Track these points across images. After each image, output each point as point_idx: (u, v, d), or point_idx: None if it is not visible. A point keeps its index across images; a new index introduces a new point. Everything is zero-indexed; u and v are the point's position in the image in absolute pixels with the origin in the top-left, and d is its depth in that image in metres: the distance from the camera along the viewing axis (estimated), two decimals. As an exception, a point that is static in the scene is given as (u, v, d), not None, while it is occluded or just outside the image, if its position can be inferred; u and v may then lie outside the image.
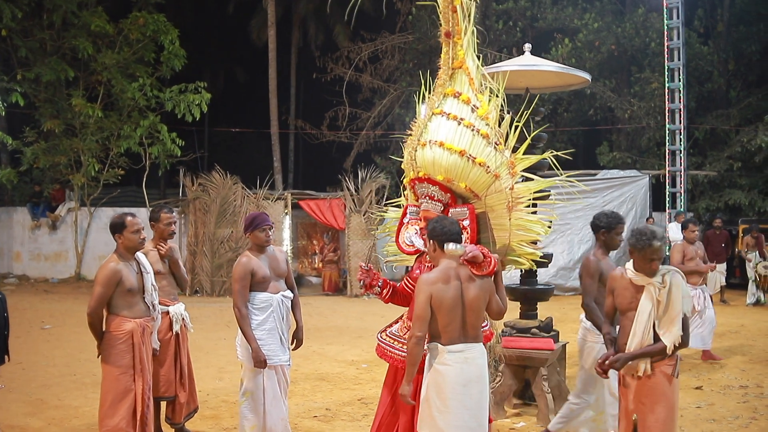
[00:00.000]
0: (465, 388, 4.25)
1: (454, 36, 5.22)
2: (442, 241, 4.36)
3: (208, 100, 18.24)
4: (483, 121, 5.05)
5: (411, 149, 5.23)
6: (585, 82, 7.69)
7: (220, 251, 17.44)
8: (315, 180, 25.68)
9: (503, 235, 5.06)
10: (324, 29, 28.70)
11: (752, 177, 19.21)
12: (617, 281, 4.57)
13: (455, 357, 4.26)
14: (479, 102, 5.12)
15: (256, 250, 5.62)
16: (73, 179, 18.36)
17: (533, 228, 5.08)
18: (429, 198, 5.11)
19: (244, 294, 5.46)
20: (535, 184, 5.19)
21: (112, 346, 5.13)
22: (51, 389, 8.09)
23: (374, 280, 5.12)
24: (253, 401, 5.53)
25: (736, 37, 21.56)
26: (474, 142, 4.99)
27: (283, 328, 5.63)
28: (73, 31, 18.23)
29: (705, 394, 7.88)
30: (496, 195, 5.03)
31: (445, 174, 5.01)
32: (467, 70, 5.20)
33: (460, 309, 4.28)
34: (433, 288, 4.25)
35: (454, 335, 4.29)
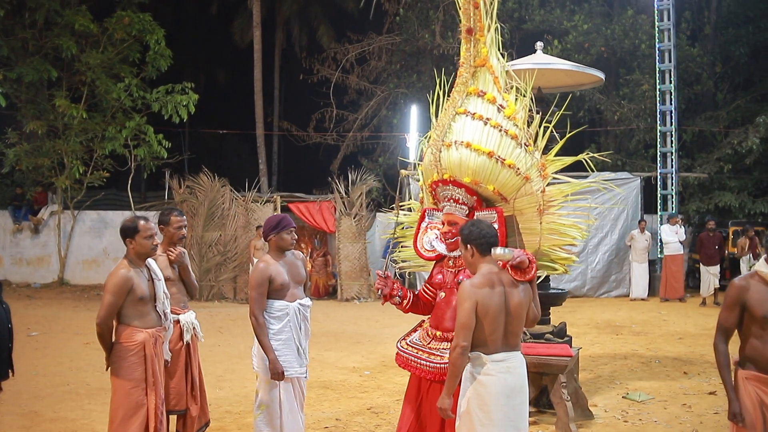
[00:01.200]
0: (508, 399, 4.06)
1: (476, 33, 5.00)
2: (481, 245, 4.16)
3: (195, 101, 17.90)
4: (511, 122, 4.85)
5: (435, 150, 4.98)
6: (598, 81, 7.55)
7: (208, 255, 17.12)
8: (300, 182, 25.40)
9: (533, 240, 4.86)
10: (308, 30, 28.44)
11: (742, 179, 19.23)
12: (750, 289, 4.09)
13: (498, 367, 4.07)
14: (505, 102, 4.92)
15: (276, 254, 5.37)
16: (57, 182, 17.94)
17: (568, 232, 4.89)
18: (453, 201, 4.91)
19: (261, 302, 5.22)
20: (568, 187, 4.99)
21: (122, 358, 4.84)
22: (44, 400, 7.78)
23: (393, 289, 4.91)
24: (268, 414, 5.29)
25: (723, 39, 21.61)
26: (502, 143, 4.79)
27: (300, 339, 5.38)
28: (56, 30, 17.83)
29: (721, 400, 7.73)
30: (527, 198, 4.85)
31: (472, 176, 4.81)
32: (491, 69, 5.00)
33: (504, 316, 4.08)
34: (479, 294, 4.03)
35: (497, 344, 4.09)
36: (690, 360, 9.93)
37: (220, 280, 17.02)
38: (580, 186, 5.09)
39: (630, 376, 9.03)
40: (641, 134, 20.25)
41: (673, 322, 13.45)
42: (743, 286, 4.08)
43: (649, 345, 11.14)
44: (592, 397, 7.84)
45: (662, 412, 7.31)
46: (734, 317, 4.15)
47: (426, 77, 21.88)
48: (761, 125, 17.74)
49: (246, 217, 17.33)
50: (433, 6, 21.59)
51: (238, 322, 13.66)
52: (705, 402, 7.65)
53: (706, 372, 9.16)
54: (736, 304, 4.11)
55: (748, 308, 4.07)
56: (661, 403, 7.67)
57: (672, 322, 13.53)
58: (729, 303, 4.16)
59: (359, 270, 17.61)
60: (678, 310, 15.23)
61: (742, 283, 4.10)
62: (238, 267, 17.08)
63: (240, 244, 17.11)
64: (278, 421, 5.29)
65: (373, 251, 18.83)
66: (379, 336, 12.21)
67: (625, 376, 9.03)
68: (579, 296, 17.33)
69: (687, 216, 19.05)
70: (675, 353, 10.45)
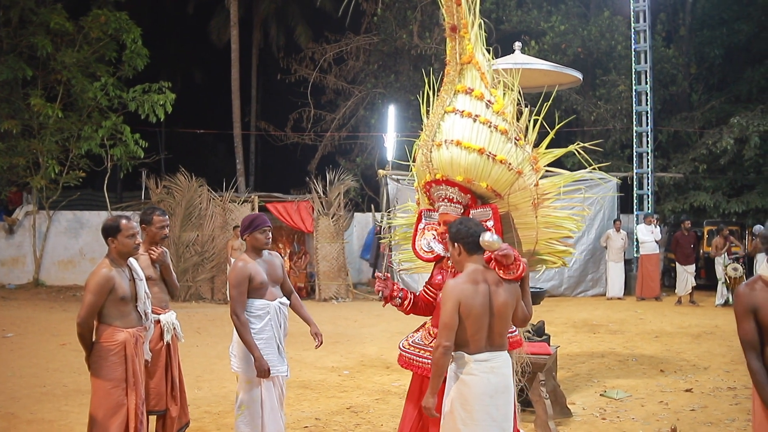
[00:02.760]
0: (492, 399, 4.05)
1: (460, 30, 4.99)
2: (468, 244, 4.15)
3: (172, 101, 17.77)
4: (500, 117, 4.84)
5: (426, 150, 4.96)
6: (576, 81, 7.60)
7: (185, 255, 17.00)
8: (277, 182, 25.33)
9: (530, 234, 4.89)
10: (285, 30, 28.39)
11: (716, 179, 19.46)
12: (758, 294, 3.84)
13: (482, 366, 4.06)
14: (493, 97, 4.91)
15: (253, 253, 5.37)
16: (32, 182, 17.72)
17: (564, 224, 4.90)
18: (447, 201, 4.89)
19: (242, 300, 5.21)
20: (561, 179, 5.00)
21: (103, 358, 4.79)
22: (21, 402, 7.69)
23: (394, 290, 4.88)
24: (249, 415, 5.28)
25: (698, 41, 21.84)
26: (492, 139, 4.78)
27: (280, 337, 5.39)
28: (31, 28, 17.60)
29: (696, 397, 7.84)
30: (521, 193, 4.85)
31: (464, 174, 4.80)
32: (477, 65, 4.98)
33: (488, 316, 4.07)
34: (462, 294, 4.03)
35: (480, 344, 4.08)
36: (666, 358, 10.04)
37: (198, 280, 16.93)
38: (573, 178, 5.09)
39: (607, 374, 9.11)
40: (617, 134, 20.42)
41: (649, 321, 13.58)
42: (748, 293, 3.86)
43: (626, 343, 11.24)
44: (570, 395, 7.89)
45: (640, 409, 7.38)
46: (751, 327, 3.83)
47: (404, 77, 21.93)
48: (735, 126, 17.96)
49: (223, 217, 17.25)
50: (410, 6, 21.65)
51: (216, 323, 13.60)
52: (681, 399, 7.74)
53: (683, 369, 9.27)
54: (747, 312, 3.84)
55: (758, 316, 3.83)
56: (638, 400, 7.75)
57: (648, 320, 13.66)
58: (740, 314, 3.88)
59: (337, 270, 17.59)
60: (654, 309, 15.39)
61: (746, 290, 3.88)
62: (215, 267, 17.00)
63: (218, 245, 17.03)
64: (259, 420, 5.28)
65: (351, 251, 18.84)
66: (357, 336, 12.22)
67: (603, 374, 9.11)
68: (556, 296, 17.44)
69: (662, 215, 19.25)
70: (651, 351, 10.56)
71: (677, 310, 15.09)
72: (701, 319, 13.69)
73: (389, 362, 9.78)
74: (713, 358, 9.93)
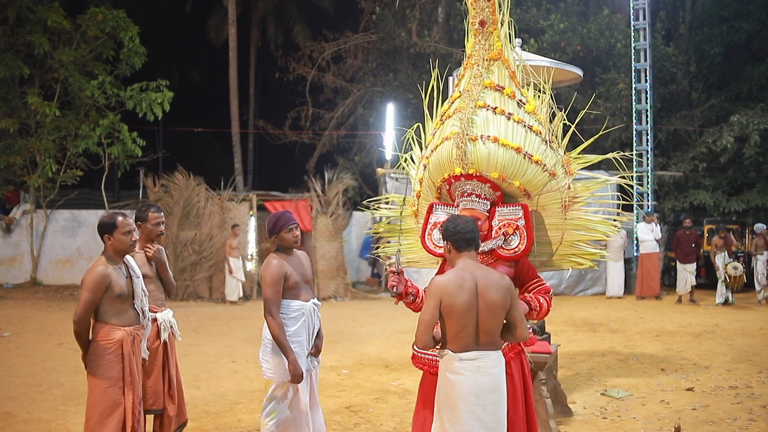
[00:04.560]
0: (478, 399, 3.96)
1: (489, 25, 4.95)
2: (456, 242, 4.11)
3: (170, 99, 17.69)
4: (533, 117, 4.83)
5: (460, 143, 4.82)
6: (577, 78, 7.55)
7: (183, 254, 16.94)
8: (275, 181, 25.29)
9: (556, 235, 4.89)
10: (283, 28, 28.33)
11: (716, 177, 19.40)
12: None
13: (467, 365, 3.98)
14: (525, 97, 4.90)
15: (284, 252, 5.25)
16: (29, 180, 17.63)
17: (597, 228, 4.89)
18: (475, 196, 4.83)
19: (277, 300, 5.04)
20: (592, 183, 5.02)
21: (100, 357, 4.73)
22: (17, 401, 7.63)
23: (408, 287, 4.75)
24: (281, 422, 5.14)
25: (698, 39, 21.78)
26: (528, 139, 4.78)
27: (309, 343, 5.25)
28: (28, 26, 17.51)
29: (698, 396, 7.78)
30: (552, 194, 4.85)
31: (500, 171, 4.77)
32: (507, 63, 4.97)
33: (474, 314, 3.99)
34: (444, 291, 3.97)
35: (467, 342, 4.00)
36: (667, 357, 9.98)
37: (196, 279, 16.86)
38: (606, 183, 5.12)
39: (608, 373, 9.05)
40: (617, 133, 20.36)
41: (649, 320, 13.53)
42: None
43: (626, 342, 11.19)
44: (571, 394, 7.84)
45: (641, 408, 7.32)
46: None
47: (402, 76, 21.87)
48: (735, 124, 17.92)
49: (221, 215, 17.19)
50: (409, 4, 21.60)
51: (215, 322, 13.55)
52: (683, 398, 7.68)
53: (684, 368, 9.21)
54: None
55: None
56: (639, 399, 7.69)
57: (648, 319, 13.61)
58: None
59: (336, 269, 17.54)
60: (654, 307, 15.33)
61: None
62: (213, 266, 16.93)
63: (215, 243, 16.96)
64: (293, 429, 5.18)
65: (350, 250, 18.78)
66: (356, 335, 12.16)
67: (603, 373, 9.05)
68: (556, 294, 17.02)
69: (662, 214, 19.19)
70: (652, 350, 10.50)
71: (677, 309, 15.03)
72: (702, 317, 13.64)
73: (388, 361, 9.73)
74: (714, 357, 9.87)
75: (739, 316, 13.77)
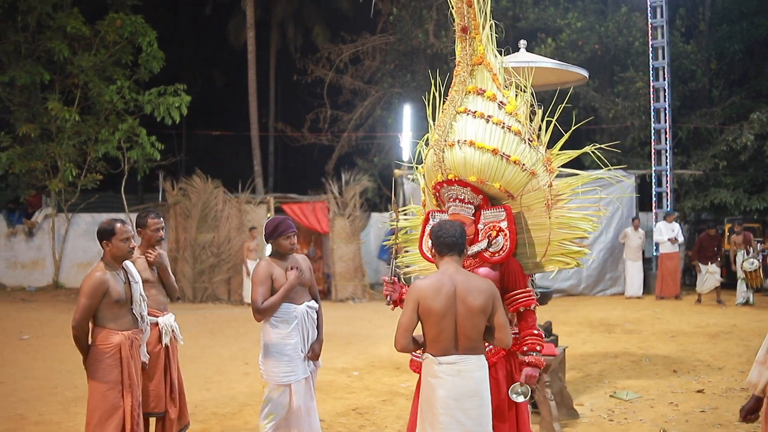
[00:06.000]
0: (457, 403, 3.97)
1: (471, 31, 4.99)
2: (438, 246, 4.16)
3: (187, 103, 17.82)
4: (513, 118, 4.83)
5: (438, 150, 4.91)
6: (582, 79, 7.53)
7: (201, 257, 17.08)
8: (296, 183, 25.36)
9: (543, 235, 4.85)
10: (303, 30, 28.43)
11: (737, 176, 19.17)
12: None
13: (447, 369, 4.00)
14: (506, 98, 4.91)
15: (278, 257, 5.31)
16: (50, 185, 17.88)
17: (579, 225, 4.84)
18: (459, 201, 4.86)
19: (265, 295, 5.11)
20: (575, 180, 4.96)
21: (98, 361, 4.84)
22: (30, 403, 7.75)
23: (402, 294, 4.81)
24: (278, 423, 5.21)
25: (718, 36, 21.52)
26: (506, 140, 4.76)
27: (305, 346, 5.30)
28: (48, 33, 17.77)
29: (707, 398, 7.71)
30: (534, 194, 4.83)
31: (478, 175, 4.77)
32: (489, 66, 4.99)
33: (452, 319, 4.00)
34: (421, 295, 4.00)
35: (446, 346, 4.02)
36: (681, 358, 9.90)
37: (214, 281, 16.99)
38: (589, 178, 5.06)
39: (619, 374, 9.00)
40: (636, 132, 20.21)
41: (667, 321, 13.41)
42: None
43: (641, 343, 11.10)
44: (580, 396, 7.82)
45: (649, 410, 7.28)
46: None
47: (420, 77, 21.84)
48: (755, 122, 17.70)
49: (239, 218, 17.31)
50: (426, 5, 21.56)
51: (231, 324, 13.64)
52: (692, 400, 7.62)
53: (696, 370, 9.13)
54: None
55: None
56: (648, 401, 7.64)
57: (666, 320, 13.50)
58: None
59: (353, 270, 17.57)
60: (673, 308, 15.20)
61: None
62: (231, 269, 17.04)
63: (234, 246, 17.08)
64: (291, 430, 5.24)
65: (368, 251, 18.80)
66: (372, 336, 12.18)
67: (614, 374, 9.00)
68: (575, 295, 17.31)
69: (683, 213, 19.01)
70: (666, 351, 10.42)
71: (696, 310, 14.88)
72: (720, 318, 13.49)
73: (399, 363, 9.74)
74: (729, 359, 9.77)
75: (758, 317, 13.61)
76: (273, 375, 5.20)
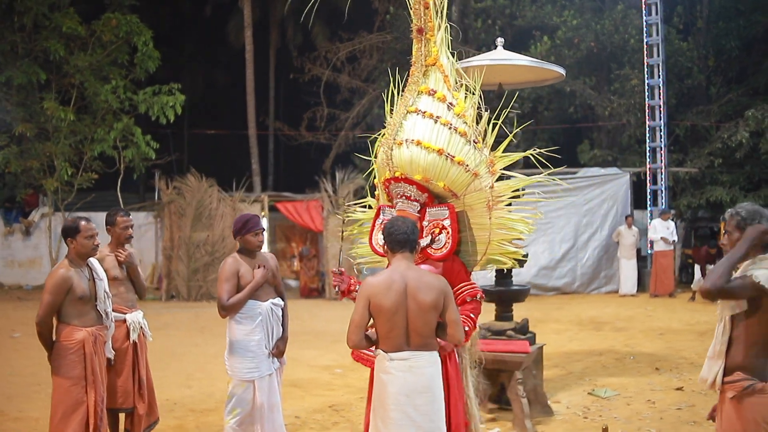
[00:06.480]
0: (408, 399, 4.00)
1: (426, 32, 5.11)
2: (390, 243, 4.20)
3: (182, 102, 17.83)
4: (460, 119, 4.95)
5: (387, 148, 5.07)
6: (559, 76, 7.53)
7: (196, 255, 17.14)
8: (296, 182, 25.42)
9: (483, 234, 4.96)
10: (302, 30, 28.44)
11: (733, 173, 19.10)
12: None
13: (398, 365, 4.03)
14: (455, 99, 5.02)
15: (245, 254, 5.35)
16: (46, 184, 17.96)
17: (515, 227, 4.96)
18: (405, 198, 4.97)
19: (231, 292, 5.16)
20: (515, 182, 5.08)
21: (62, 357, 4.91)
22: (13, 400, 7.83)
23: (351, 285, 4.93)
24: (242, 418, 5.26)
25: (715, 33, 21.43)
26: (452, 141, 4.88)
27: (270, 341, 5.34)
28: (44, 33, 17.81)
29: (686, 395, 7.72)
30: (476, 194, 4.93)
31: (423, 173, 4.90)
32: (441, 68, 5.11)
33: (402, 315, 4.03)
34: (371, 291, 4.04)
35: (398, 342, 4.05)
36: (665, 356, 9.90)
37: (209, 280, 17.03)
38: (529, 181, 5.19)
39: (601, 372, 9.01)
40: (632, 129, 20.15)
41: (658, 318, 13.41)
42: None
43: (628, 341, 11.11)
44: (558, 394, 7.84)
45: (625, 408, 7.29)
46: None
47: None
48: (750, 119, 17.63)
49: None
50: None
51: (221, 322, 13.34)
52: (670, 398, 7.63)
53: (679, 367, 9.14)
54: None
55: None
56: (625, 399, 7.65)
57: (657, 318, 13.49)
58: None
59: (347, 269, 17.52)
60: (666, 305, 15.16)
61: None
62: (226, 267, 17.06)
63: (228, 244, 17.11)
64: (252, 427, 5.27)
65: (363, 250, 18.78)
66: (360, 334, 12.18)
67: (596, 372, 9.01)
68: (569, 293, 17.30)
69: (679, 211, 18.96)
70: (652, 349, 10.42)
71: (689, 307, 14.84)
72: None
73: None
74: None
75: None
76: (237, 371, 5.25)
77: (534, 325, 12.44)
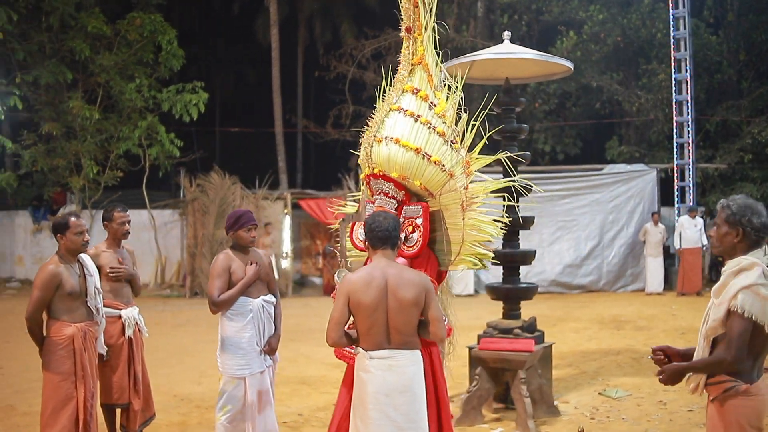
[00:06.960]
0: (388, 398, 3.93)
1: (414, 31, 5.11)
2: (371, 239, 4.15)
3: (205, 100, 17.96)
4: (440, 119, 4.95)
5: (367, 145, 5.12)
6: (567, 70, 7.39)
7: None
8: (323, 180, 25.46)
9: (457, 235, 4.93)
10: (330, 27, 28.52)
11: (764, 169, 18.68)
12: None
13: (378, 364, 3.96)
14: (437, 99, 5.02)
15: (238, 250, 5.33)
16: (73, 182, 18.19)
17: (485, 228, 4.93)
18: (383, 194, 5.04)
19: (222, 288, 5.13)
20: (489, 184, 5.07)
21: (52, 352, 4.94)
22: (23, 395, 7.92)
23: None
24: (233, 415, 5.23)
25: (746, 26, 20.96)
26: (430, 140, 4.89)
27: (262, 338, 5.30)
28: (71, 33, 18.04)
29: (699, 397, 7.44)
30: (451, 194, 4.91)
31: (400, 171, 4.92)
32: (426, 67, 5.10)
33: (383, 312, 3.96)
34: (351, 288, 3.98)
35: (378, 340, 3.98)
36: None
37: (231, 277, 17.07)
38: (504, 183, 5.29)
39: (615, 372, 8.84)
40: (660, 125, 19.82)
41: (681, 317, 13.14)
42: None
43: (648, 341, 10.88)
44: (568, 393, 7.71)
45: (634, 409, 7.14)
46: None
47: (441, 72, 21.74)
48: (781, 114, 17.26)
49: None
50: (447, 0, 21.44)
51: (241, 319, 13.69)
52: (683, 399, 7.43)
53: (696, 367, 8.91)
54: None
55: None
56: (636, 399, 7.50)
57: (681, 317, 13.22)
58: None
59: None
60: (692, 304, 14.84)
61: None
62: (248, 264, 17.12)
63: (250, 241, 17.14)
64: (243, 424, 5.23)
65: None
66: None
67: (611, 372, 8.84)
68: (595, 290, 17.08)
69: (707, 208, 18.60)
70: (671, 349, 10.19)
71: (716, 306, 14.51)
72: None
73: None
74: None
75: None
76: (228, 367, 5.23)
77: (554, 324, 12.38)
